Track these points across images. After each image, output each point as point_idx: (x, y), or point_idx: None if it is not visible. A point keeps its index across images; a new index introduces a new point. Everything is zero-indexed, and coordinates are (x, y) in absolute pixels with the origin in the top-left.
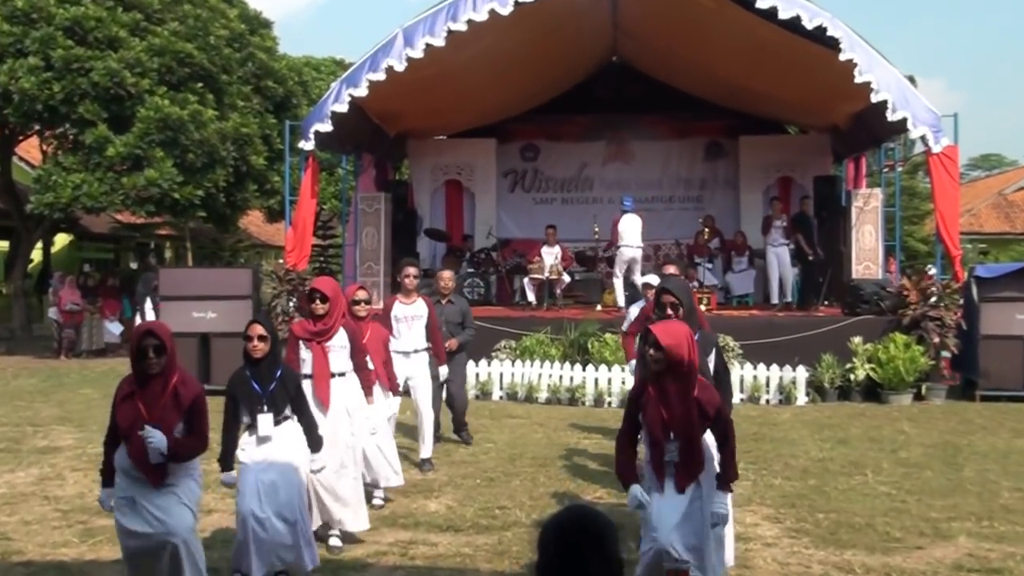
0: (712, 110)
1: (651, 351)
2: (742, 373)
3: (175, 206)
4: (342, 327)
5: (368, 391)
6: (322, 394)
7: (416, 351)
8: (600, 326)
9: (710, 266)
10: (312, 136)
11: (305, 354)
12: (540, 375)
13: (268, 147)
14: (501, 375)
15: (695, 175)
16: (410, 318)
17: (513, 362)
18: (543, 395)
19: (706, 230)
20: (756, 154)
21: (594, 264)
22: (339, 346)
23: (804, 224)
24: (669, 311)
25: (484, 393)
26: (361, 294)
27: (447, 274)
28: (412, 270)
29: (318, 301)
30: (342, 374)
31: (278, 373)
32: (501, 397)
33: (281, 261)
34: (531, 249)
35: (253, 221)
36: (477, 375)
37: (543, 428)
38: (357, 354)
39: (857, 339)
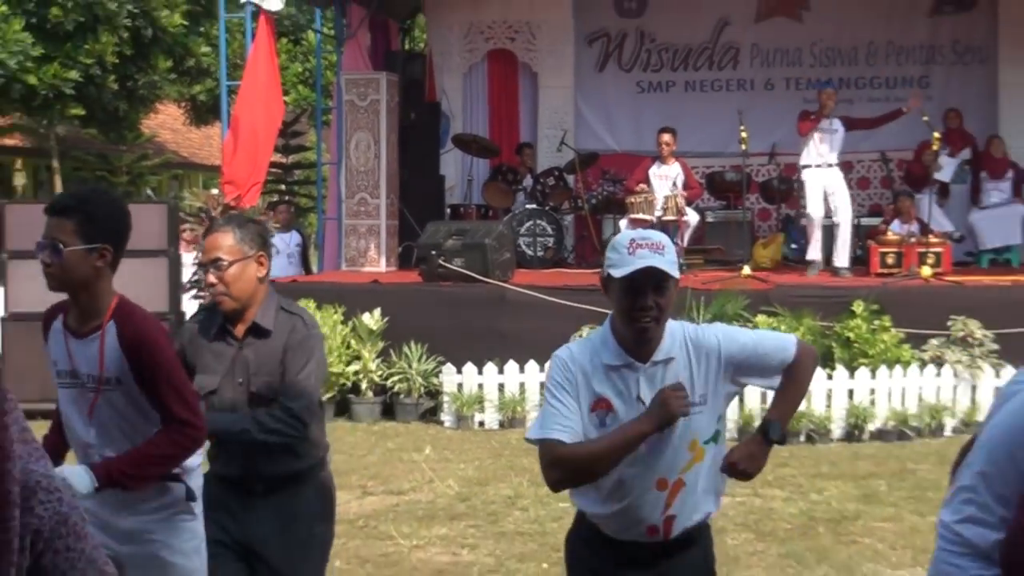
0: None
1: None
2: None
3: (29, 98)
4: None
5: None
6: None
7: None
8: (749, 300)
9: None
10: None
11: None
12: None
13: None
14: None
15: (916, 40)
16: None
17: None
18: None
19: (936, 137)
20: None
21: (739, 195)
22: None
23: None
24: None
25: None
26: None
27: (223, 241)
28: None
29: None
30: None
31: None
32: None
33: (216, 191)
34: (633, 170)
35: (166, 123)
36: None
37: None
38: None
39: None
